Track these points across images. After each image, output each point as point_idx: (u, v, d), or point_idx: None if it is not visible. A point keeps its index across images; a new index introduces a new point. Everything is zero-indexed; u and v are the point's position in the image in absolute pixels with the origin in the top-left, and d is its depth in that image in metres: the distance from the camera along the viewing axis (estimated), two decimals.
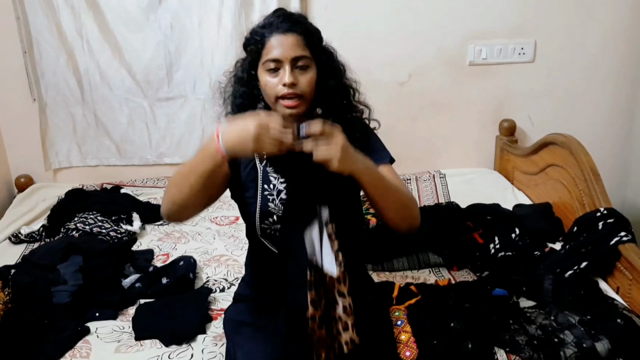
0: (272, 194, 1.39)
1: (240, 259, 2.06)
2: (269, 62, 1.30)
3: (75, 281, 1.81)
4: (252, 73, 1.36)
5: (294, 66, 1.30)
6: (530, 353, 1.48)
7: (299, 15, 1.37)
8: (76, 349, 1.57)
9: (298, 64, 1.31)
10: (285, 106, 1.31)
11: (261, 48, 1.32)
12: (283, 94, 1.29)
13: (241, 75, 1.39)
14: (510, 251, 1.93)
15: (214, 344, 1.58)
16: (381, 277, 1.91)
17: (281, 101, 1.31)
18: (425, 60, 2.64)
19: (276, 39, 1.30)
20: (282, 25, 1.31)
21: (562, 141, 2.19)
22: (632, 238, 1.79)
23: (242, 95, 1.39)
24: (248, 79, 1.37)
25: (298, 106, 1.31)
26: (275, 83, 1.30)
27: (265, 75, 1.32)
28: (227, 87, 1.43)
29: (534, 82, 2.68)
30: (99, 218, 2.23)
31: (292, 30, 1.31)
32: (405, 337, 1.48)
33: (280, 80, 1.30)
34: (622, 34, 2.63)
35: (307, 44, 1.32)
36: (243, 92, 1.39)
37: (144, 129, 2.69)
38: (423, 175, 2.70)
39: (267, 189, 1.39)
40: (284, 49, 1.30)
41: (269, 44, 1.31)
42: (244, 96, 1.39)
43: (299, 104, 1.31)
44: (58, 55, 2.54)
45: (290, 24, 1.32)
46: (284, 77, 1.29)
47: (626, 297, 1.72)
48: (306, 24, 1.35)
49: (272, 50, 1.30)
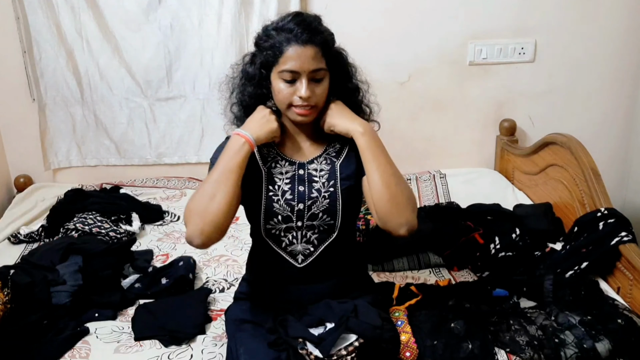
0: (277, 195, 1.40)
1: (240, 259, 2.05)
2: (286, 72, 1.31)
3: (74, 281, 1.80)
4: (264, 72, 1.37)
5: (310, 78, 1.32)
6: (530, 353, 1.48)
7: (317, 22, 1.36)
8: (75, 349, 1.57)
9: (315, 76, 1.32)
10: (298, 114, 1.34)
11: (278, 55, 1.32)
12: (297, 105, 1.33)
13: (252, 73, 1.39)
14: (510, 251, 1.93)
15: (214, 344, 1.58)
16: (381, 278, 1.91)
17: (294, 108, 1.34)
18: (425, 60, 2.64)
19: (294, 50, 1.30)
20: (301, 36, 1.30)
21: (563, 141, 2.18)
22: (632, 238, 1.78)
23: (251, 96, 1.40)
24: (259, 78, 1.38)
25: (310, 114, 1.35)
26: (290, 92, 1.33)
27: (280, 83, 1.33)
28: (235, 81, 1.44)
29: (534, 82, 2.68)
30: (99, 218, 2.22)
31: (312, 42, 1.31)
32: (405, 337, 1.48)
33: (296, 91, 1.32)
34: (622, 33, 2.62)
35: (324, 54, 1.33)
36: (252, 92, 1.40)
37: (144, 128, 2.68)
38: (423, 175, 2.69)
39: (271, 189, 1.41)
40: (302, 62, 1.30)
41: (287, 54, 1.31)
42: (253, 96, 1.40)
43: (312, 112, 1.35)
44: (58, 55, 2.53)
45: (309, 34, 1.31)
46: (301, 89, 1.31)
47: (627, 298, 1.72)
48: (324, 33, 1.35)
49: (289, 61, 1.30)
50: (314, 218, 1.41)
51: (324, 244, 1.44)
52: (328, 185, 1.42)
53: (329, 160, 1.44)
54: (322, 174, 1.43)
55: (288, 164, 1.43)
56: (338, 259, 1.47)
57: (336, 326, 1.33)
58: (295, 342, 1.31)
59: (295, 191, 1.41)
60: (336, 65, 1.38)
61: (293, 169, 1.43)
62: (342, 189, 1.42)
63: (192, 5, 2.50)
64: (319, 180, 1.42)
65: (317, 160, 1.44)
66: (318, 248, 1.44)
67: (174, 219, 2.40)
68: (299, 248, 1.43)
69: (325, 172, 1.43)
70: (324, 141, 1.47)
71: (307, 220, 1.41)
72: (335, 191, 1.41)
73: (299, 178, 1.42)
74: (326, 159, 1.44)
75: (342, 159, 1.45)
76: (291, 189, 1.41)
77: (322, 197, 1.41)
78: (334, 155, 1.45)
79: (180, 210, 2.44)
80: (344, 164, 1.44)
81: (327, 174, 1.43)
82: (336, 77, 1.39)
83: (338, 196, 1.41)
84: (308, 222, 1.41)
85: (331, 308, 1.39)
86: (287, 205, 1.40)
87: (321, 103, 1.36)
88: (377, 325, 1.34)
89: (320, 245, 1.44)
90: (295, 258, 1.44)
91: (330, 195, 1.41)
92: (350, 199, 1.43)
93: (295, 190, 1.41)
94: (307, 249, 1.43)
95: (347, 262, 1.50)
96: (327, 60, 1.34)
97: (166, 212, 2.43)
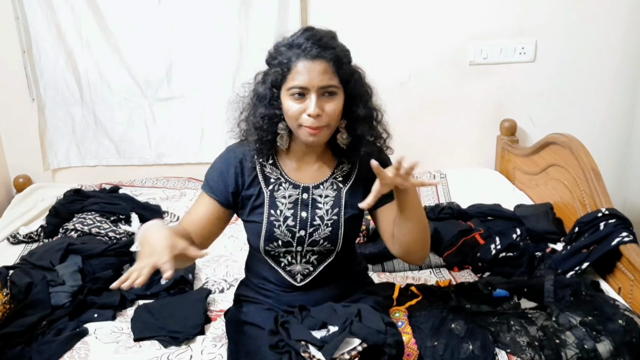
0: (279, 220, 1.38)
1: (239, 260, 2.05)
2: (295, 88, 1.26)
3: (73, 282, 1.80)
4: (275, 91, 1.31)
5: (320, 94, 1.26)
6: (531, 354, 1.47)
7: (329, 37, 1.29)
8: (75, 349, 1.57)
9: (325, 91, 1.27)
10: (308, 133, 1.28)
11: (287, 72, 1.26)
12: (307, 125, 1.27)
13: (263, 93, 1.33)
14: (511, 252, 1.93)
15: (213, 345, 1.57)
16: (382, 278, 1.91)
17: (304, 128, 1.28)
18: (426, 60, 2.64)
19: (303, 64, 1.25)
20: (311, 51, 1.25)
21: (563, 141, 2.18)
22: (633, 238, 1.78)
23: (263, 117, 1.33)
24: (270, 98, 1.32)
25: (321, 134, 1.29)
26: (300, 110, 1.27)
27: (289, 100, 1.28)
28: (246, 99, 1.38)
29: (534, 81, 2.68)
30: (98, 218, 2.22)
31: (321, 56, 1.25)
32: (405, 338, 1.48)
33: (306, 108, 1.26)
34: (622, 33, 2.62)
35: (335, 70, 1.27)
36: (263, 114, 1.33)
37: (143, 129, 2.68)
38: (424, 175, 2.69)
39: (273, 214, 1.38)
40: (311, 77, 1.24)
41: (295, 69, 1.25)
42: (265, 118, 1.33)
43: (322, 132, 1.29)
44: (57, 55, 2.54)
45: (319, 49, 1.25)
46: (310, 106, 1.25)
47: (628, 298, 1.72)
48: (336, 49, 1.27)
49: (298, 77, 1.25)
50: (314, 244, 1.39)
51: (323, 264, 1.42)
52: (332, 212, 1.38)
53: (335, 186, 1.40)
54: (326, 200, 1.39)
55: (292, 187, 1.39)
56: (338, 274, 1.45)
57: (340, 330, 1.32)
58: (298, 344, 1.30)
59: (298, 217, 1.38)
60: (352, 85, 1.30)
61: (297, 193, 1.39)
62: (346, 218, 1.39)
63: (192, 5, 2.50)
64: (323, 207, 1.38)
65: (323, 185, 1.40)
66: (317, 268, 1.42)
67: (173, 219, 2.39)
68: (298, 268, 1.42)
69: (331, 198, 1.39)
70: (332, 163, 1.42)
71: (308, 246, 1.39)
72: (338, 219, 1.38)
73: (302, 202, 1.39)
74: (332, 184, 1.40)
75: (348, 186, 1.41)
76: (293, 215, 1.37)
77: (325, 225, 1.38)
78: (341, 180, 1.41)
79: (179, 211, 2.44)
80: (350, 191, 1.40)
81: (332, 200, 1.39)
82: (351, 98, 1.31)
83: (341, 224, 1.39)
84: (308, 247, 1.39)
85: (335, 311, 1.37)
86: (289, 232, 1.37)
87: (333, 123, 1.29)
88: (381, 329, 1.32)
89: (320, 265, 1.42)
90: (294, 277, 1.43)
91: (333, 224, 1.38)
92: (352, 227, 1.41)
93: (297, 217, 1.38)
94: (307, 269, 1.42)
95: (348, 273, 1.49)
96: (341, 78, 1.28)
97: (166, 212, 2.43)
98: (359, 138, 1.35)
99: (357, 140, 1.35)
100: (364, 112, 1.33)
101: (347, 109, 1.32)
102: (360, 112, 1.33)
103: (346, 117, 1.33)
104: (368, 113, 1.35)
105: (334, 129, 1.32)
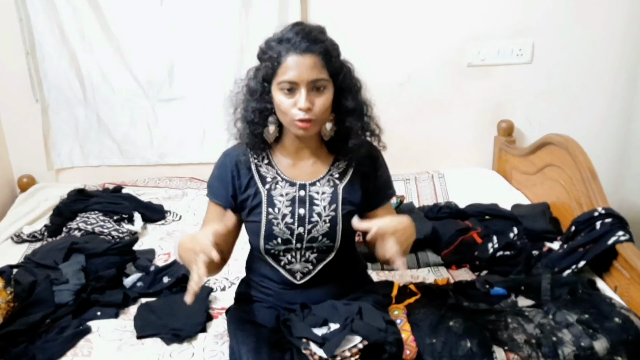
0: (277, 218, 1.39)
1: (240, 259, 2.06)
2: (284, 83, 1.28)
3: (77, 280, 1.82)
4: (266, 86, 1.33)
5: (310, 88, 1.28)
6: (528, 351, 1.48)
7: (318, 31, 1.31)
8: (78, 347, 1.58)
9: (314, 85, 1.28)
10: (299, 127, 1.30)
11: (277, 66, 1.28)
12: (298, 118, 1.28)
13: (254, 88, 1.35)
14: (508, 250, 1.94)
15: (215, 342, 1.59)
16: (380, 276, 1.92)
17: (295, 122, 1.30)
18: (424, 61, 2.66)
19: (293, 59, 1.26)
20: (300, 45, 1.26)
21: (560, 141, 2.19)
22: (629, 237, 1.79)
23: (254, 111, 1.36)
24: (261, 92, 1.34)
25: (311, 127, 1.31)
26: (290, 104, 1.28)
27: (280, 95, 1.29)
28: (239, 96, 1.40)
29: (532, 82, 2.69)
30: (101, 218, 2.24)
31: (310, 50, 1.26)
32: (404, 335, 1.49)
33: (296, 103, 1.28)
34: (619, 34, 2.63)
35: (325, 64, 1.28)
36: (255, 108, 1.35)
37: (146, 129, 2.70)
38: (422, 175, 2.71)
39: (271, 212, 1.39)
40: (300, 71, 1.26)
41: (285, 64, 1.27)
42: (255, 112, 1.36)
43: (312, 125, 1.31)
44: (60, 56, 2.55)
45: (308, 43, 1.26)
46: (300, 100, 1.27)
47: (624, 296, 1.73)
48: (325, 42, 1.29)
49: (287, 72, 1.27)
50: (313, 241, 1.41)
51: (323, 263, 1.44)
52: (329, 209, 1.40)
53: (332, 182, 1.42)
54: (323, 197, 1.40)
55: (288, 185, 1.40)
56: (337, 273, 1.47)
57: (341, 327, 1.33)
58: (299, 342, 1.31)
59: (296, 215, 1.39)
60: (341, 79, 1.32)
61: (294, 190, 1.40)
62: (344, 214, 1.40)
63: (193, 6, 2.52)
64: (320, 204, 1.40)
65: (320, 182, 1.41)
66: (317, 266, 1.44)
67: (175, 218, 2.41)
68: (298, 267, 1.43)
69: (327, 195, 1.41)
70: (328, 160, 1.44)
71: (307, 243, 1.41)
72: (336, 215, 1.40)
73: (299, 200, 1.40)
74: (329, 181, 1.42)
75: (345, 182, 1.43)
76: (291, 212, 1.39)
77: (323, 221, 1.39)
78: (337, 177, 1.42)
79: (181, 210, 2.46)
80: (346, 188, 1.42)
81: (329, 197, 1.41)
82: (340, 91, 1.34)
83: (339, 220, 1.40)
84: (307, 244, 1.41)
85: (336, 309, 1.39)
86: (287, 229, 1.39)
87: (323, 116, 1.31)
88: (381, 327, 1.34)
89: (319, 264, 1.43)
90: (294, 276, 1.44)
91: (331, 220, 1.40)
92: (350, 223, 1.40)
93: (295, 214, 1.39)
94: (306, 267, 1.43)
95: (347, 272, 1.51)
96: (330, 71, 1.30)
97: (168, 211, 2.45)
98: (348, 130, 1.37)
99: (345, 132, 1.37)
100: (353, 104, 1.35)
101: (337, 102, 1.34)
102: (349, 105, 1.35)
103: (335, 111, 1.36)
104: (357, 106, 1.37)
105: (324, 122, 1.35)
